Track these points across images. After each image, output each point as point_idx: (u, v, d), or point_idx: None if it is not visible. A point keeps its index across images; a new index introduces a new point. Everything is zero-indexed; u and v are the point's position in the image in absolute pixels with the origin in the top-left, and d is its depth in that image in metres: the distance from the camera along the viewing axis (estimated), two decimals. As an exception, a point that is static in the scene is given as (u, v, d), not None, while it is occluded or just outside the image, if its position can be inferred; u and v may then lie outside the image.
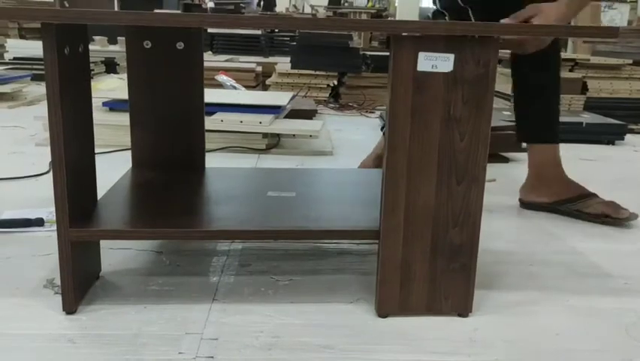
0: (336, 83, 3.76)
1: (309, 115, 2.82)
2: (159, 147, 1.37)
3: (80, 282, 1.06)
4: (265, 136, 2.36)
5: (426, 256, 1.04)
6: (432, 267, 1.04)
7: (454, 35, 0.94)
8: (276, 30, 5.14)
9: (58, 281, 1.07)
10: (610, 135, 2.75)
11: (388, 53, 0.98)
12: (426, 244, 1.03)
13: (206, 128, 1.41)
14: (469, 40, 0.95)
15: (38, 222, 1.42)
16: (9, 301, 1.08)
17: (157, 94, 1.34)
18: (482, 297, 1.15)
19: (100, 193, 1.17)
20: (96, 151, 1.17)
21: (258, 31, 4.92)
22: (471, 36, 0.95)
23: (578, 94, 3.13)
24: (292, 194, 1.23)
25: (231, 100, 2.47)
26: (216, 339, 0.98)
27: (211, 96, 2.42)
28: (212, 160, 2.02)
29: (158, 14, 0.91)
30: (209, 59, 4.12)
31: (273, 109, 2.44)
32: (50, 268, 1.21)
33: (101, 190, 1.18)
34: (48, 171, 1.91)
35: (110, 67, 4.58)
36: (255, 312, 1.07)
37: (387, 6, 10.62)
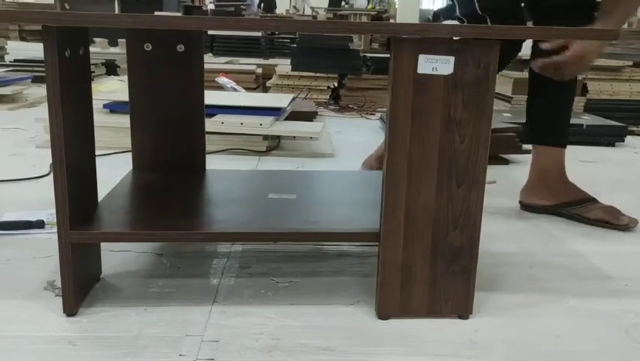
0: (336, 84, 3.76)
1: (309, 117, 2.82)
2: (160, 149, 1.38)
3: (81, 284, 1.06)
4: (265, 138, 2.36)
5: (426, 258, 1.04)
6: (432, 269, 1.04)
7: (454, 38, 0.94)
8: (277, 32, 5.14)
9: (59, 283, 1.07)
10: (610, 137, 2.75)
11: (389, 55, 0.98)
12: (426, 246, 1.03)
13: (207, 130, 1.41)
14: (470, 43, 0.95)
15: (39, 224, 1.42)
16: (9, 303, 1.08)
17: (157, 96, 1.34)
18: (482, 299, 1.15)
19: (100, 195, 1.17)
20: (97, 153, 1.17)
21: (259, 33, 4.92)
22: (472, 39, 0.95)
23: (578, 96, 3.13)
24: (292, 196, 1.23)
25: (232, 102, 2.47)
26: (217, 341, 0.98)
27: (211, 98, 2.42)
28: (212, 162, 2.02)
29: (159, 17, 0.91)
30: (210, 61, 4.12)
31: (274, 111, 2.44)
32: (51, 270, 1.21)
33: (101, 192, 1.18)
34: (49, 173, 1.91)
35: (110, 69, 4.58)
36: (255, 314, 1.07)
37: (388, 8, 10.63)
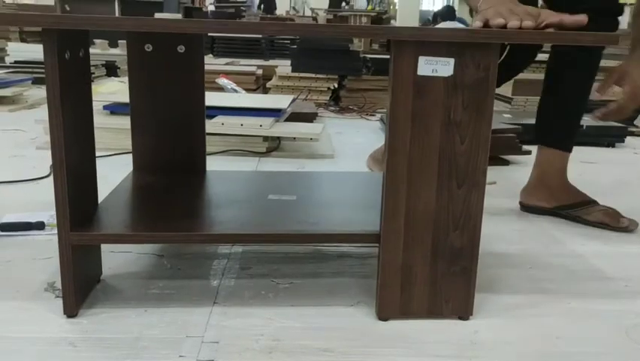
0: (336, 86, 3.76)
1: (309, 118, 2.83)
2: (160, 151, 1.38)
3: (81, 285, 1.06)
4: (266, 139, 2.36)
5: (426, 260, 1.04)
6: (432, 270, 1.04)
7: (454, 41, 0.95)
8: (277, 33, 5.13)
9: (59, 285, 1.07)
10: (610, 138, 2.75)
11: (389, 56, 0.98)
12: (426, 248, 1.03)
13: (207, 131, 1.41)
14: (470, 45, 0.95)
15: (39, 225, 1.42)
16: (10, 304, 1.08)
17: (158, 97, 1.35)
18: (483, 300, 1.15)
19: (101, 197, 1.17)
20: (97, 154, 1.18)
21: (259, 35, 4.92)
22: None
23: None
24: (293, 197, 1.23)
25: (232, 103, 2.47)
26: (217, 342, 0.98)
27: (212, 99, 2.42)
28: (212, 163, 2.02)
29: (159, 20, 0.91)
30: (210, 62, 4.12)
31: (274, 112, 2.44)
32: (51, 271, 1.21)
33: (101, 194, 1.18)
34: (49, 175, 1.91)
35: (110, 70, 4.58)
36: (256, 315, 1.07)
37: (388, 9, 10.64)
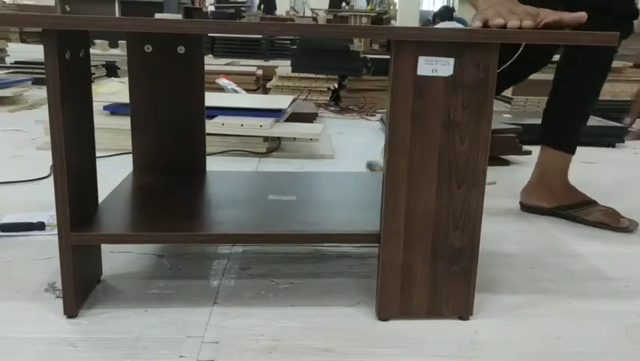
0: (336, 86, 3.77)
1: (309, 118, 2.83)
2: (160, 151, 1.38)
3: (81, 286, 1.06)
4: (266, 140, 2.36)
5: (426, 260, 1.04)
6: (432, 270, 1.04)
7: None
8: (277, 33, 5.13)
9: (60, 285, 1.07)
10: (610, 138, 2.75)
11: (389, 56, 0.98)
12: (426, 248, 1.03)
13: (207, 131, 1.41)
14: (469, 45, 0.95)
15: (39, 226, 1.43)
16: (10, 304, 1.08)
17: (158, 97, 1.35)
18: (483, 300, 1.15)
19: (101, 197, 1.17)
20: (97, 155, 1.18)
21: (259, 35, 4.92)
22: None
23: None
24: (293, 197, 1.23)
25: (232, 103, 2.47)
26: (217, 342, 0.98)
27: (212, 100, 2.42)
28: (212, 164, 2.02)
29: (159, 20, 0.91)
30: (210, 63, 4.12)
31: (274, 112, 2.44)
32: (51, 271, 1.21)
33: (102, 194, 1.18)
34: (49, 175, 1.91)
35: (110, 70, 4.58)
36: (256, 315, 1.07)
37: (388, 9, 10.63)
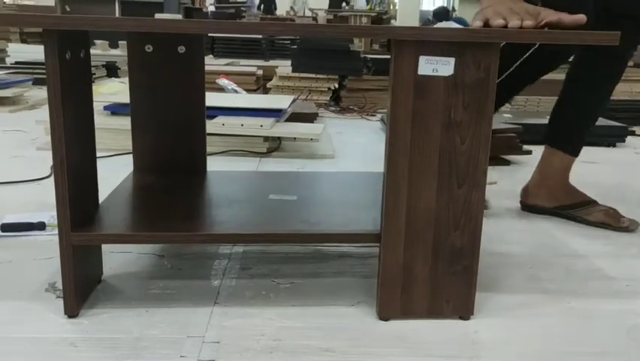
0: (337, 86, 3.77)
1: (310, 118, 2.83)
2: (160, 151, 1.38)
3: (82, 286, 1.06)
4: (266, 139, 2.36)
5: (427, 259, 1.04)
6: (433, 270, 1.04)
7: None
8: (277, 33, 5.13)
9: (60, 285, 1.07)
10: (611, 138, 2.75)
11: (389, 56, 0.98)
12: (427, 247, 1.03)
13: (208, 131, 1.41)
14: (470, 45, 0.95)
15: (40, 226, 1.43)
16: (10, 304, 1.08)
17: (158, 98, 1.35)
18: (484, 300, 1.15)
19: (101, 197, 1.17)
20: (97, 155, 1.18)
21: (259, 35, 4.92)
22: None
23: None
24: (293, 197, 1.23)
25: (232, 103, 2.47)
26: (218, 342, 0.98)
27: (212, 100, 2.42)
28: (213, 164, 2.02)
29: (159, 20, 0.91)
30: (210, 63, 4.13)
31: (274, 112, 2.44)
32: (52, 271, 1.21)
33: (102, 194, 1.18)
34: (49, 175, 1.91)
35: (111, 71, 4.58)
36: (257, 315, 1.07)
37: (388, 9, 10.63)
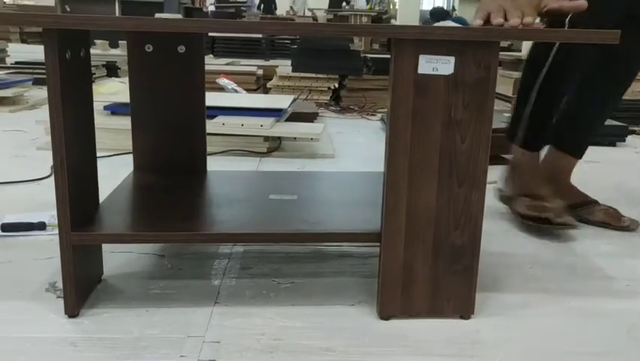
0: (337, 85, 3.77)
1: (310, 118, 2.83)
2: (161, 151, 1.38)
3: (82, 285, 1.06)
4: (266, 139, 2.36)
5: (427, 259, 1.04)
6: (433, 269, 1.04)
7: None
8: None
9: (60, 285, 1.07)
10: (611, 137, 2.74)
11: (389, 55, 0.98)
12: (427, 247, 1.03)
13: (208, 131, 1.41)
14: (470, 43, 0.95)
15: (40, 226, 1.43)
16: (11, 304, 1.08)
17: (158, 97, 1.35)
18: (484, 299, 1.15)
19: (102, 197, 1.17)
20: (98, 155, 1.18)
21: (259, 35, 4.93)
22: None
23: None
24: (294, 197, 1.23)
25: (232, 103, 2.47)
26: (218, 342, 0.98)
27: (212, 99, 2.42)
28: (213, 163, 2.02)
29: (159, 20, 0.91)
30: (211, 62, 4.13)
31: (274, 112, 2.44)
32: (52, 271, 1.21)
33: (102, 194, 1.18)
34: (50, 175, 1.91)
35: (111, 70, 4.58)
36: (257, 315, 1.07)
37: (388, 8, 10.63)
